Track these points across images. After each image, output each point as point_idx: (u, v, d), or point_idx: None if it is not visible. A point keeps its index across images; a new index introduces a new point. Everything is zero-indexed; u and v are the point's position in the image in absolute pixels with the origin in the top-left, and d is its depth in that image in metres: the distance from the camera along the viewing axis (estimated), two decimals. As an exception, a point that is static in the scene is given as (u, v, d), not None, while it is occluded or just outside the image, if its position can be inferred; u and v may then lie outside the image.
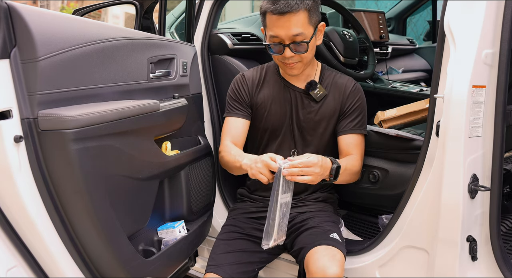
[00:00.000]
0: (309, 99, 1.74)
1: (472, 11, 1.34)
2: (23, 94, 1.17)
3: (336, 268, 1.47)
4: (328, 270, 1.47)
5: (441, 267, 1.44)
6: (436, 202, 1.43)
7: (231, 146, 1.71)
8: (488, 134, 1.38)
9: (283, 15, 1.55)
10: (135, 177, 1.44)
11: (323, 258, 1.50)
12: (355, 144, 1.74)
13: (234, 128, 1.76)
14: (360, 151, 1.75)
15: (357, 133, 1.74)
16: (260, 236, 1.73)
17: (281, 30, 1.57)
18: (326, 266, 1.48)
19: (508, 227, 1.92)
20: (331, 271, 1.46)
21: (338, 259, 1.50)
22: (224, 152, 1.70)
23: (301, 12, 1.56)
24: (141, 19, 2.19)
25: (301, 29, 1.57)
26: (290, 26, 1.56)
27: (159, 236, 1.68)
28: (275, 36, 1.59)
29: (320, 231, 1.63)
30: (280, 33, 1.58)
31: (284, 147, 1.77)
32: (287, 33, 1.57)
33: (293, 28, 1.56)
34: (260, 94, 1.77)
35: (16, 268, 1.23)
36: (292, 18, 1.55)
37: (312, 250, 1.55)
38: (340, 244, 1.59)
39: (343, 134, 1.74)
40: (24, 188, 1.20)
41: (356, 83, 1.78)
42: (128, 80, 1.49)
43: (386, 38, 3.00)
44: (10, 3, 1.15)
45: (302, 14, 1.56)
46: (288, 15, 1.55)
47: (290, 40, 1.58)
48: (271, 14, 1.57)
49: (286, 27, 1.56)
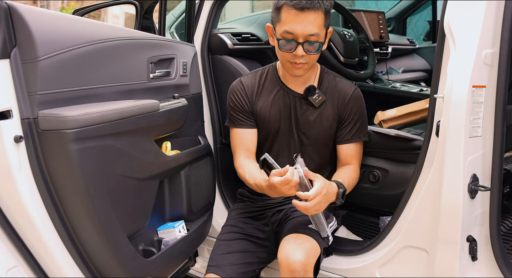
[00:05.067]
0: (308, 104, 1.72)
1: (472, 11, 1.34)
2: (23, 94, 1.18)
3: (299, 254, 1.44)
4: (290, 256, 1.44)
5: (441, 267, 1.44)
6: (436, 202, 1.43)
7: (245, 164, 1.69)
8: (488, 134, 1.38)
9: (303, 11, 1.51)
10: (135, 177, 1.44)
11: (288, 246, 1.48)
12: (354, 154, 1.73)
13: (245, 140, 1.74)
14: (359, 159, 1.75)
15: (356, 142, 1.73)
16: (260, 236, 1.74)
17: (298, 26, 1.53)
18: (289, 253, 1.45)
19: (508, 227, 1.92)
20: (293, 257, 1.43)
21: (305, 247, 1.47)
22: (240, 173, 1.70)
23: (319, 11, 1.53)
24: (141, 19, 2.18)
25: (317, 29, 1.54)
26: (308, 24, 1.53)
27: (159, 236, 1.68)
28: (290, 32, 1.54)
29: (297, 222, 1.62)
30: (296, 29, 1.53)
31: (284, 152, 1.76)
32: (304, 30, 1.53)
33: (310, 26, 1.53)
34: (259, 101, 1.75)
35: (16, 268, 1.23)
36: (310, 16, 1.52)
37: (282, 240, 1.54)
38: (317, 234, 1.57)
39: (342, 143, 1.73)
40: (24, 188, 1.20)
41: (356, 89, 1.75)
42: (128, 80, 1.49)
43: (386, 38, 2.99)
44: (10, 3, 1.15)
45: (320, 14, 1.54)
46: (307, 12, 1.52)
47: (304, 39, 1.55)
48: (291, 8, 1.52)
49: (303, 24, 1.53)
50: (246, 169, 1.67)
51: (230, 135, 1.79)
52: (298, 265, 1.43)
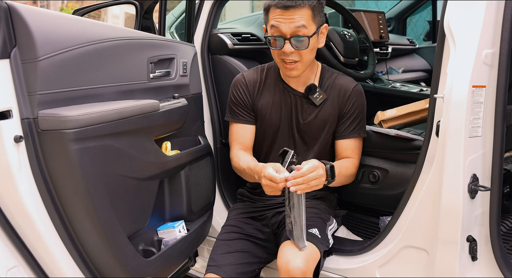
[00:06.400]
0: (309, 103, 1.72)
1: (472, 11, 1.34)
2: (23, 94, 1.18)
3: (299, 261, 1.43)
4: (290, 263, 1.43)
5: (441, 267, 1.44)
6: (436, 202, 1.43)
7: (240, 154, 1.72)
8: (488, 134, 1.38)
9: (287, 10, 1.55)
10: (135, 177, 1.44)
11: (287, 252, 1.48)
12: (352, 148, 1.73)
13: (242, 135, 1.76)
14: (357, 154, 1.75)
15: (355, 138, 1.73)
16: (260, 237, 1.74)
17: (283, 23, 1.56)
18: (288, 259, 1.44)
19: (508, 227, 1.92)
20: (293, 264, 1.43)
21: (305, 252, 1.47)
22: (234, 161, 1.73)
23: (305, 8, 1.55)
24: (141, 19, 2.18)
25: (304, 22, 1.56)
26: (293, 21, 1.55)
27: (159, 236, 1.68)
28: (277, 29, 1.58)
29: None
30: (282, 26, 1.57)
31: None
32: (290, 26, 1.56)
33: (296, 22, 1.55)
34: (260, 98, 1.76)
35: (16, 268, 1.23)
36: (295, 13, 1.55)
37: (281, 245, 1.54)
38: (317, 239, 1.56)
39: (340, 139, 1.74)
40: (24, 187, 1.20)
41: (357, 85, 1.76)
42: (128, 80, 1.49)
43: (386, 38, 2.99)
44: (10, 3, 1.15)
45: (306, 10, 1.56)
46: (292, 10, 1.54)
47: (291, 34, 1.57)
48: (275, 7, 1.57)
49: (288, 21, 1.56)
50: (240, 157, 1.69)
51: (229, 129, 1.81)
52: (297, 272, 1.43)
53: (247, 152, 1.75)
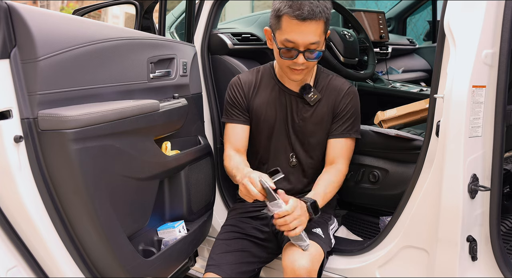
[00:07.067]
0: (304, 102, 1.73)
1: (472, 11, 1.34)
2: (23, 94, 1.17)
3: (305, 261, 1.44)
4: (296, 263, 1.44)
5: (441, 267, 1.44)
6: (436, 202, 1.43)
7: (231, 155, 1.72)
8: (488, 135, 1.38)
9: (304, 22, 1.51)
10: (135, 177, 1.44)
11: (293, 252, 1.48)
12: (342, 148, 1.73)
13: (235, 135, 1.76)
14: (347, 155, 1.74)
15: (346, 138, 1.73)
16: (259, 236, 1.74)
17: (299, 36, 1.53)
18: (294, 259, 1.45)
19: (508, 227, 1.92)
20: (298, 264, 1.44)
21: (310, 252, 1.48)
22: (225, 161, 1.73)
23: (321, 21, 1.53)
24: (141, 19, 2.19)
25: (318, 38, 1.54)
26: (309, 34, 1.53)
27: (159, 236, 1.68)
28: (291, 41, 1.55)
29: None
30: (298, 39, 1.54)
31: (281, 150, 1.77)
32: (304, 40, 1.53)
33: (311, 36, 1.53)
34: (256, 98, 1.76)
35: (16, 268, 1.23)
36: (311, 26, 1.52)
37: (286, 245, 1.54)
38: (320, 238, 1.57)
39: (331, 138, 1.74)
40: (24, 188, 1.20)
41: (351, 86, 1.76)
42: (128, 80, 1.49)
43: (386, 38, 3.00)
44: (10, 3, 1.15)
45: (321, 23, 1.54)
46: (309, 22, 1.51)
47: (305, 48, 1.55)
48: (292, 18, 1.51)
49: (305, 34, 1.53)
50: (232, 158, 1.70)
51: (224, 130, 1.81)
52: (303, 272, 1.44)
53: (240, 153, 1.75)
